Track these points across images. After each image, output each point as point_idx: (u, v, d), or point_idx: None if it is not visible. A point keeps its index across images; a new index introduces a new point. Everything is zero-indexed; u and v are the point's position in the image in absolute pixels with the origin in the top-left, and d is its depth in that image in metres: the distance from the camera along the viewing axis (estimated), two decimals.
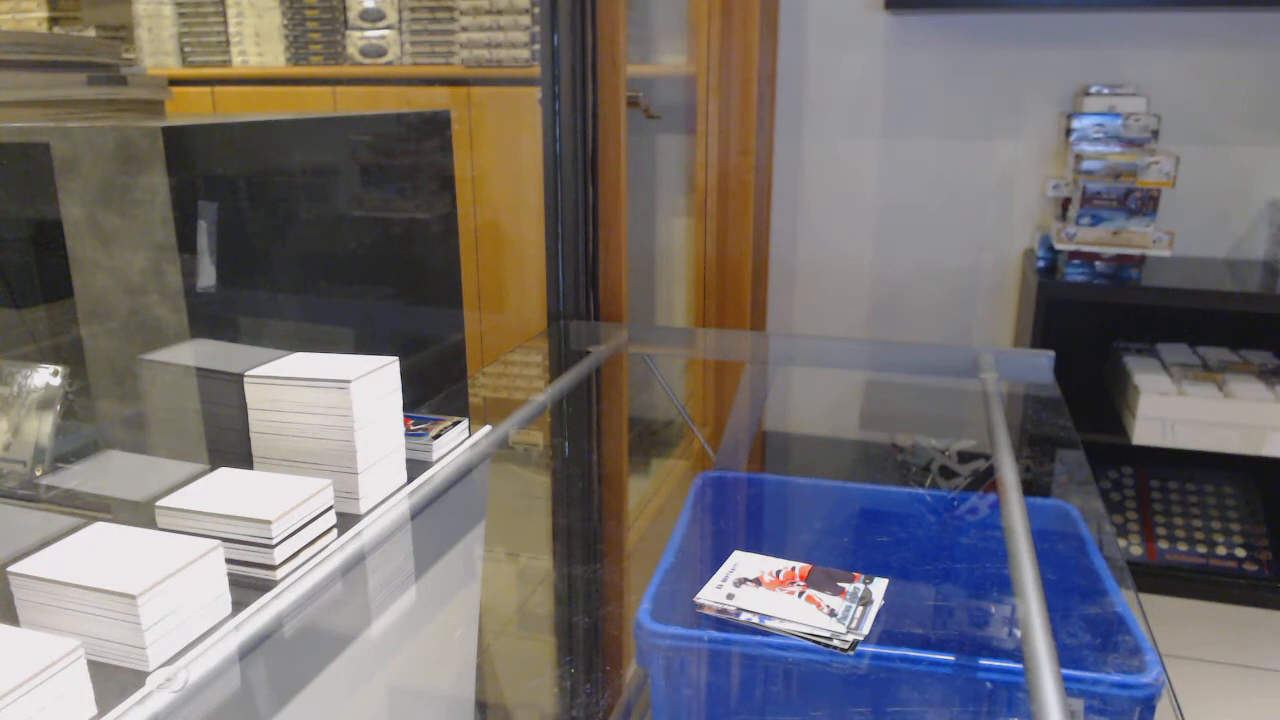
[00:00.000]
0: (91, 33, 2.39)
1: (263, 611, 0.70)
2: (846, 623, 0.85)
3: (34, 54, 1.11)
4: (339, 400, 0.82)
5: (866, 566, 1.00)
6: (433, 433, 0.98)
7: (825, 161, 2.53)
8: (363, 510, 0.85)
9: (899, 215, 2.52)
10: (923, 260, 2.53)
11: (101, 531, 0.68)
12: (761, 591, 0.91)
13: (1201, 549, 2.19)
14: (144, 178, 0.82)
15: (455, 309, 1.32)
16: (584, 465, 1.40)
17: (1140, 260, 2.09)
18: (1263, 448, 2.02)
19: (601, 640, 1.02)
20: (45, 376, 0.90)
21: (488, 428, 1.09)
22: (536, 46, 2.20)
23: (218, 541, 0.68)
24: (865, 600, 0.88)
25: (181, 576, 0.64)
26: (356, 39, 2.33)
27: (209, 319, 0.87)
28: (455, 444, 1.02)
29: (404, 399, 0.90)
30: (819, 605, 0.87)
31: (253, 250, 0.93)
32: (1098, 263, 2.11)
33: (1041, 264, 2.24)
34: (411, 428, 0.99)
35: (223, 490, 0.76)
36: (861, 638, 0.83)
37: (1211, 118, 2.26)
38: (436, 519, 0.92)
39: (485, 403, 1.57)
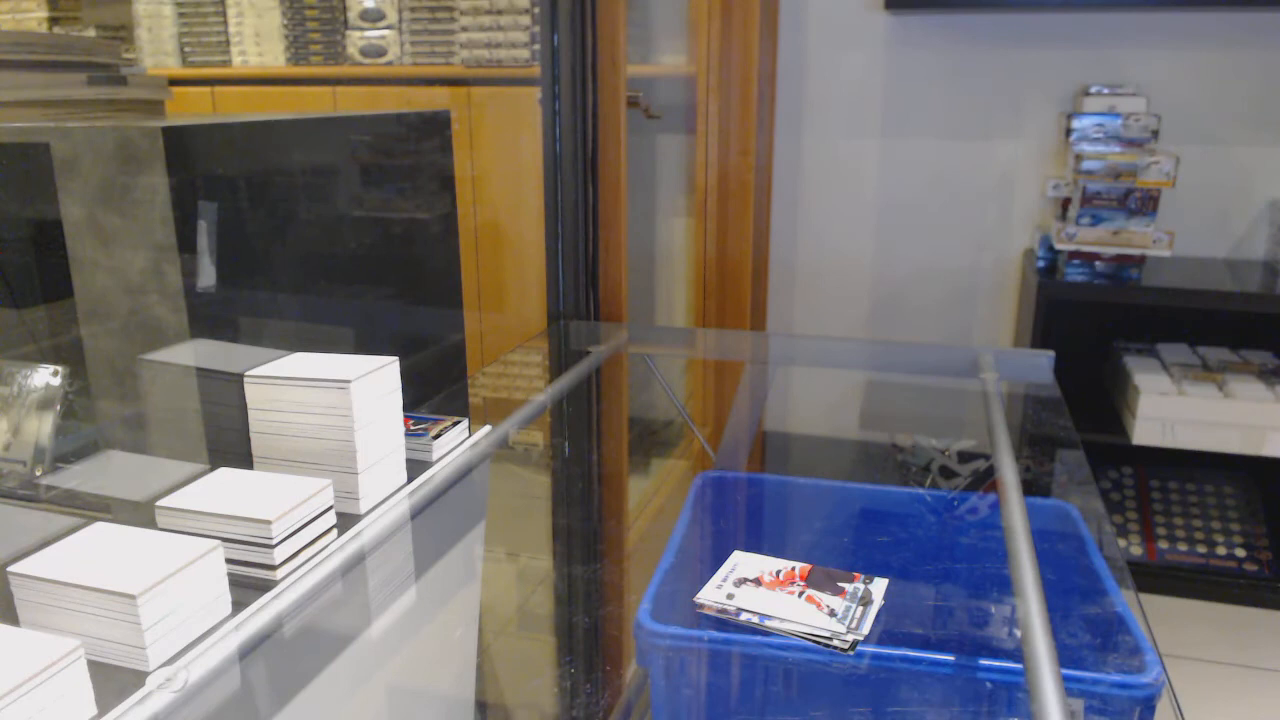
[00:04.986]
0: (91, 33, 2.39)
1: (263, 611, 0.70)
2: (846, 623, 0.85)
3: (34, 54, 1.11)
4: (339, 400, 0.82)
5: (866, 566, 1.00)
6: (433, 433, 0.98)
7: (825, 161, 2.53)
8: (363, 510, 0.85)
9: (899, 215, 2.52)
10: (923, 260, 2.53)
11: (101, 531, 0.68)
12: (761, 591, 0.91)
13: (1201, 549, 2.19)
14: (144, 178, 0.82)
15: (455, 309, 1.32)
16: (584, 465, 1.40)
17: (1140, 260, 2.09)
18: (1263, 448, 2.02)
19: (601, 640, 1.02)
20: (45, 376, 0.90)
21: (488, 428, 1.09)
22: (536, 46, 2.20)
23: (218, 541, 0.68)
24: (865, 600, 0.88)
25: (181, 576, 0.64)
26: (356, 39, 2.33)
27: (209, 319, 0.87)
28: (455, 444, 1.02)
29: (404, 399, 0.90)
30: (819, 605, 0.87)
31: (253, 250, 0.93)
32: (1098, 263, 2.11)
33: (1041, 264, 2.24)
34: (411, 428, 0.99)
35: (223, 490, 0.76)
36: (861, 638, 0.83)
37: (1211, 118, 2.26)
38: (436, 519, 0.92)
39: (485, 403, 1.57)
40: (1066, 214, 2.16)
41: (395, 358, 0.88)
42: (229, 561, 0.70)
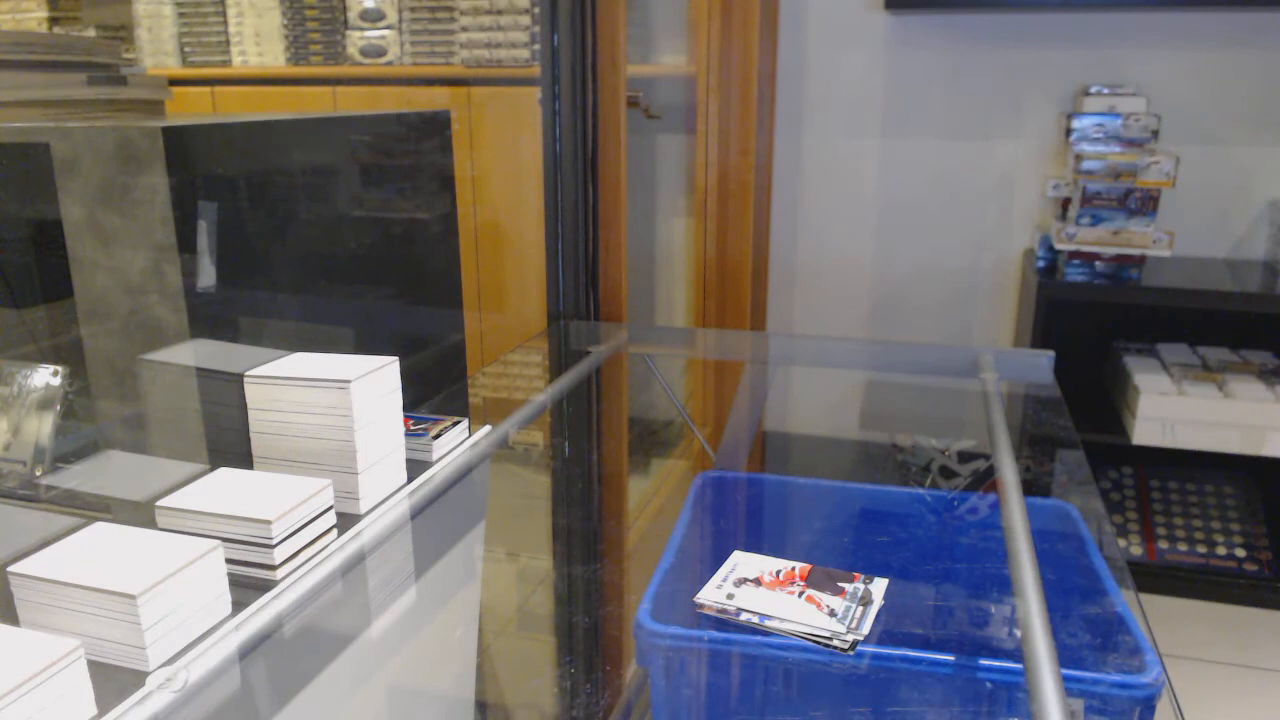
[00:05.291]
0: (91, 33, 2.39)
1: (263, 611, 0.70)
2: (846, 623, 0.85)
3: (34, 54, 1.11)
4: (339, 400, 0.82)
5: (866, 566, 1.00)
6: (433, 433, 0.98)
7: (825, 161, 2.53)
8: (363, 510, 0.85)
9: (899, 215, 2.52)
10: (923, 260, 2.53)
11: (101, 531, 0.68)
12: (761, 591, 0.91)
13: (1201, 549, 2.19)
14: (144, 178, 0.82)
15: (455, 309, 1.32)
16: (584, 465, 1.40)
17: (1140, 260, 2.09)
18: (1263, 448, 2.02)
19: (601, 640, 1.02)
20: (45, 376, 0.90)
21: (488, 428, 1.09)
22: (536, 46, 2.20)
23: (218, 541, 0.68)
24: (865, 600, 0.88)
25: (181, 576, 0.64)
26: (356, 39, 2.33)
27: (209, 319, 0.87)
28: (455, 444, 1.02)
29: (404, 399, 0.90)
30: (819, 605, 0.87)
31: (253, 250, 0.93)
32: (1098, 263, 2.11)
33: (1041, 264, 2.24)
34: (411, 428, 0.99)
35: (223, 490, 0.76)
36: (861, 638, 0.83)
37: (1211, 118, 2.26)
38: (436, 519, 0.92)
39: (485, 403, 1.57)
40: (1066, 214, 2.16)
41: (395, 358, 0.88)
42: (229, 561, 0.70)
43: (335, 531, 0.80)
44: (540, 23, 1.53)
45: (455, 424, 1.02)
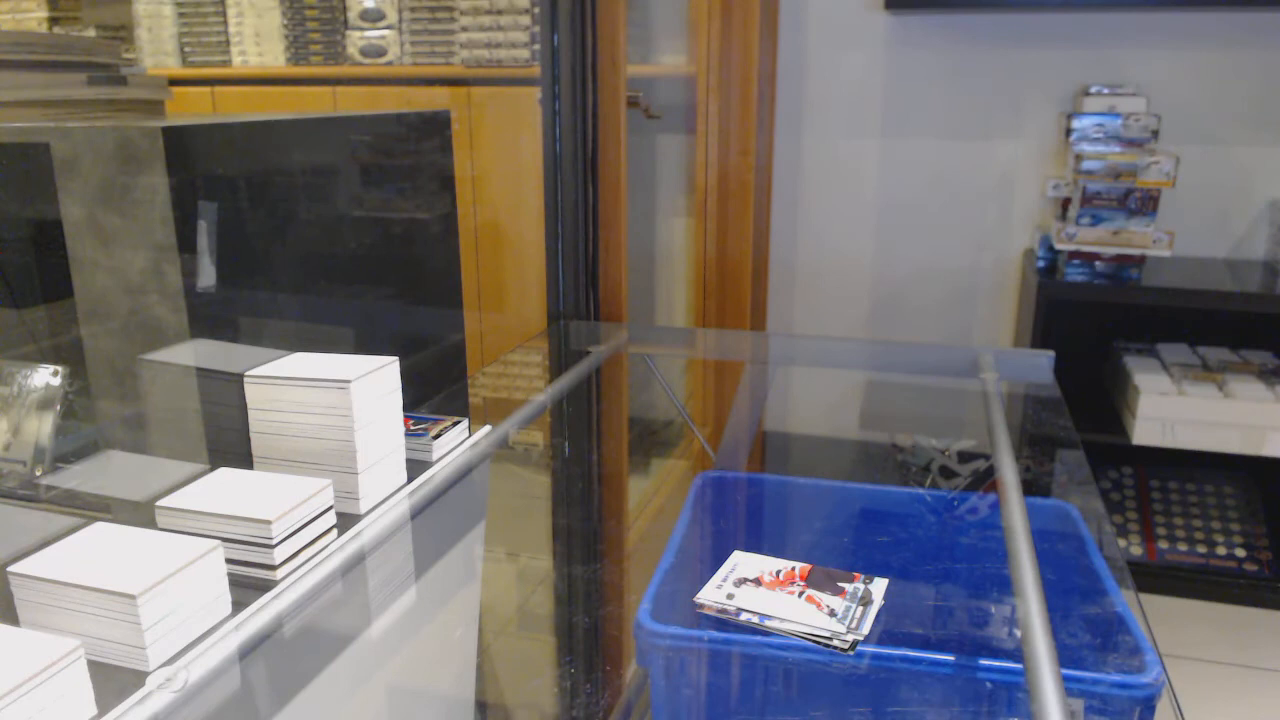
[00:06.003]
0: (91, 33, 2.39)
1: (263, 611, 0.70)
2: (846, 623, 0.85)
3: (34, 54, 1.11)
4: (339, 400, 0.82)
5: (866, 566, 1.00)
6: (433, 433, 0.98)
7: (825, 161, 2.53)
8: (363, 510, 0.85)
9: (899, 215, 2.52)
10: (923, 260, 2.53)
11: (101, 531, 0.68)
12: (761, 591, 0.91)
13: (1201, 549, 2.19)
14: (144, 178, 0.82)
15: (455, 309, 1.32)
16: (584, 465, 1.40)
17: (1140, 260, 2.09)
18: (1263, 448, 2.02)
19: (601, 640, 1.02)
20: (45, 376, 0.90)
21: (488, 428, 1.09)
22: (536, 46, 2.20)
23: (218, 541, 0.68)
24: (865, 600, 0.88)
25: (181, 576, 0.64)
26: (356, 39, 2.33)
27: (209, 319, 0.87)
28: (455, 444, 1.02)
29: (404, 399, 0.90)
30: (819, 605, 0.87)
31: (253, 250, 0.93)
32: (1098, 263, 2.11)
33: (1041, 264, 2.24)
34: (411, 428, 0.99)
35: (223, 490, 0.76)
36: (861, 638, 0.83)
37: (1211, 118, 2.26)
38: (436, 519, 0.92)
39: (485, 403, 1.57)
40: (1066, 214, 2.16)
41: (395, 358, 0.88)
42: (229, 561, 0.70)
43: (335, 531, 0.80)
44: (540, 23, 1.53)
45: (455, 424, 1.02)
